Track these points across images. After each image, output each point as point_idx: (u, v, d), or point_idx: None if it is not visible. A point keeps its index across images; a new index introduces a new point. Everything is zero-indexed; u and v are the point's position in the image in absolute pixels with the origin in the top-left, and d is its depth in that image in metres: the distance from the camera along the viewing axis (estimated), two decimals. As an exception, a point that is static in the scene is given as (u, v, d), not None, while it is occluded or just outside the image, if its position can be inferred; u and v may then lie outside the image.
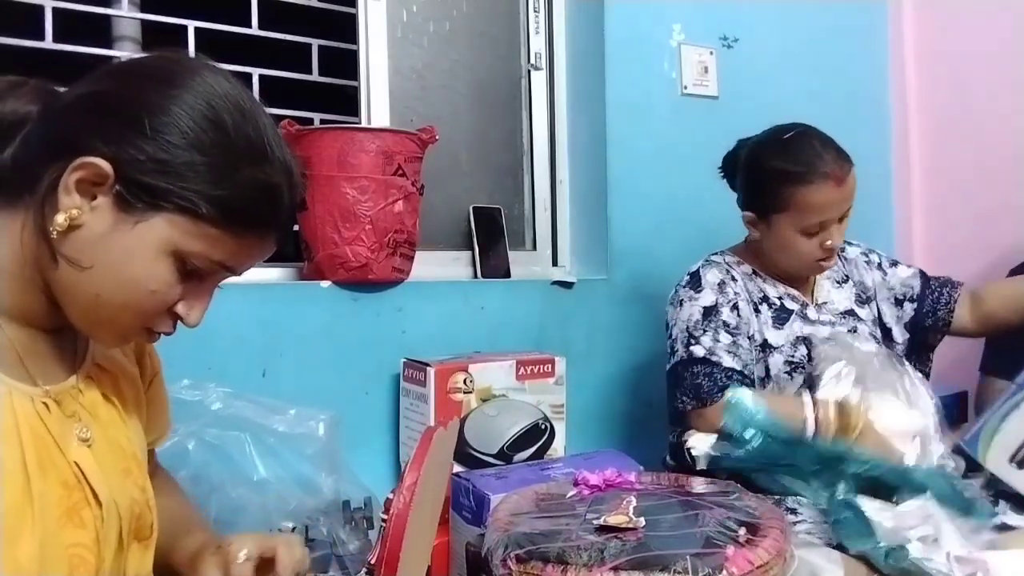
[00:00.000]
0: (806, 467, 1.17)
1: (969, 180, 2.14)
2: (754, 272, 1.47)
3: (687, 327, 1.39)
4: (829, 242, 1.34)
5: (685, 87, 1.92)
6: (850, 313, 1.48)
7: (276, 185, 0.71)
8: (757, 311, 1.43)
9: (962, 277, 2.16)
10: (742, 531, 0.85)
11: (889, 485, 1.11)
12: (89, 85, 0.70)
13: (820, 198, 1.31)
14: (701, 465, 1.23)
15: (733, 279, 1.44)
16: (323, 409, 1.31)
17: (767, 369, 1.40)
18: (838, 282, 1.51)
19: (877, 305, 1.52)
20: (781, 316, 1.43)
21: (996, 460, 1.21)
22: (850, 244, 1.56)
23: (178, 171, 0.66)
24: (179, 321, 0.74)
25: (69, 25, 1.43)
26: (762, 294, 1.45)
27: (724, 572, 0.77)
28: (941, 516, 1.03)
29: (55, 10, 1.42)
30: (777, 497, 1.36)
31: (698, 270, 1.45)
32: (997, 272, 1.79)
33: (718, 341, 1.36)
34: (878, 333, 1.49)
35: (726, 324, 1.38)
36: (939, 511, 1.04)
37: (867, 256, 1.56)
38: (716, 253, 1.51)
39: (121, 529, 0.75)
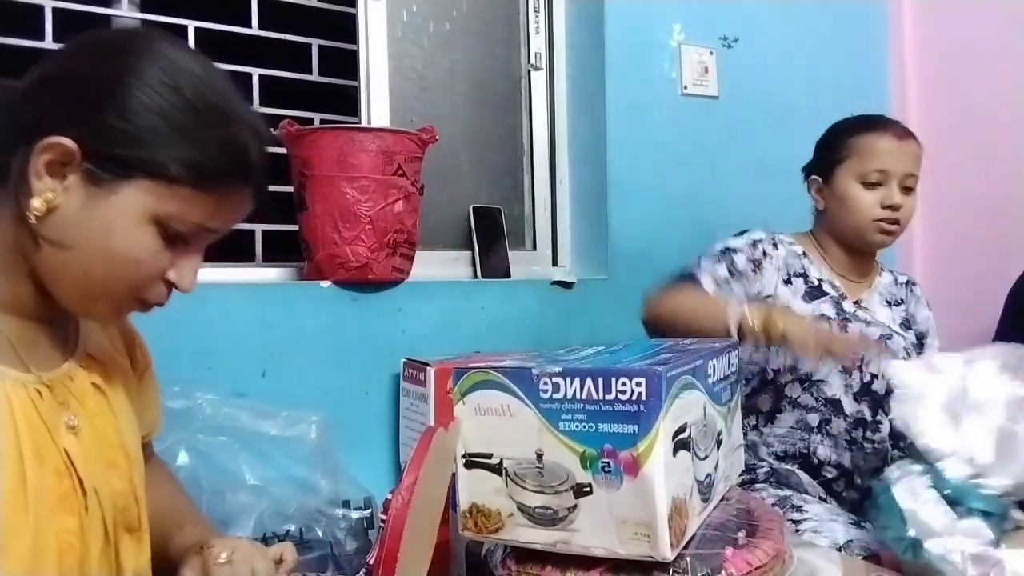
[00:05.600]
0: None
1: (969, 180, 2.14)
2: (803, 254, 1.50)
3: (700, 256, 1.47)
4: (890, 201, 1.40)
5: (685, 87, 1.92)
6: (887, 327, 1.49)
7: (242, 141, 0.71)
8: (788, 282, 1.46)
9: (962, 277, 2.16)
10: (741, 533, 0.84)
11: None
12: (43, 69, 0.71)
13: (880, 144, 1.41)
14: None
15: (775, 247, 1.48)
16: (315, 411, 1.32)
17: None
18: (889, 302, 1.53)
19: (918, 337, 1.54)
20: (813, 293, 1.46)
21: None
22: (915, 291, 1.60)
23: (143, 138, 0.66)
24: (173, 288, 0.74)
25: (69, 25, 1.43)
26: (802, 271, 1.48)
27: (723, 573, 0.77)
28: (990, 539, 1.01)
29: (55, 10, 1.42)
30: (786, 494, 1.36)
31: (749, 229, 1.51)
32: (997, 272, 1.78)
33: (712, 270, 1.43)
34: (914, 356, 1.50)
35: (733, 263, 1.44)
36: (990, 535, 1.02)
37: (928, 310, 1.59)
38: (774, 232, 1.54)
39: (104, 519, 0.75)
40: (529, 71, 1.94)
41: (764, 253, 1.47)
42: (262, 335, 1.41)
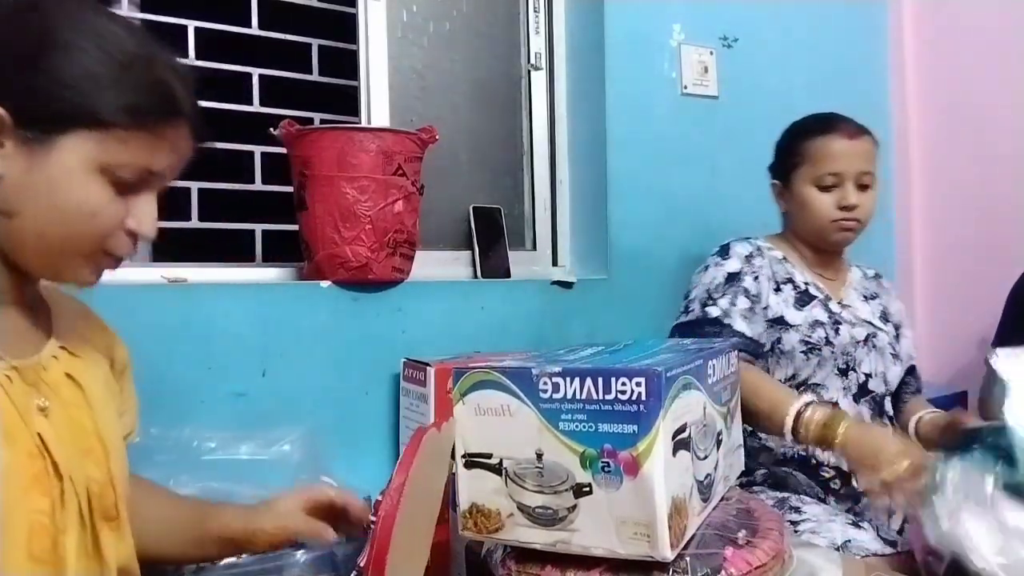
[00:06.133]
0: None
1: (969, 180, 2.14)
2: (784, 258, 1.51)
3: (707, 289, 1.44)
4: (845, 202, 1.41)
5: (685, 87, 1.92)
6: (870, 323, 1.50)
7: (164, 78, 0.73)
8: (778, 290, 1.46)
9: (962, 277, 2.15)
10: (741, 533, 0.84)
11: None
12: None
13: (831, 147, 1.42)
14: None
15: (760, 254, 1.48)
16: (309, 416, 1.32)
17: (776, 344, 1.42)
18: (865, 296, 1.54)
19: (896, 330, 1.55)
20: (803, 299, 1.46)
21: None
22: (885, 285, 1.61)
23: (68, 92, 0.68)
24: (136, 238, 0.75)
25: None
26: (788, 276, 1.48)
27: (723, 573, 0.77)
28: None
29: (55, 10, 1.42)
30: (784, 495, 1.36)
31: (728, 242, 1.51)
32: (997, 272, 1.78)
33: (734, 305, 1.40)
34: (897, 349, 1.51)
35: (746, 291, 1.42)
36: None
37: (899, 301, 1.60)
38: (748, 237, 1.54)
39: (80, 505, 0.75)
40: (529, 71, 1.94)
41: (759, 265, 1.47)
42: (262, 335, 1.41)
